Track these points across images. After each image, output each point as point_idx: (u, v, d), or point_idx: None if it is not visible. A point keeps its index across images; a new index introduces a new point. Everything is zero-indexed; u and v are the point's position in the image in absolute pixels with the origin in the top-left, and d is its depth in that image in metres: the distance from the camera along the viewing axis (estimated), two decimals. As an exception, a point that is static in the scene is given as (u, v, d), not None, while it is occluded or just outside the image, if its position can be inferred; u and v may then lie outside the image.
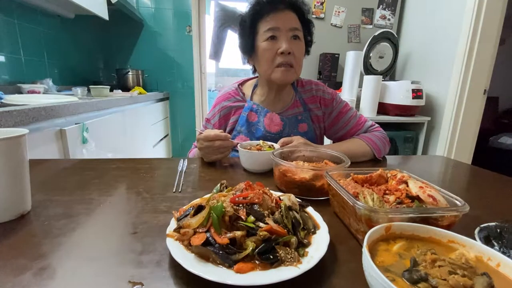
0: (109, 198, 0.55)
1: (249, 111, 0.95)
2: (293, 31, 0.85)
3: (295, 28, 0.85)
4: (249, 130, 0.94)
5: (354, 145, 0.89)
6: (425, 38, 2.15)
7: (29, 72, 1.78)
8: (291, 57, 0.85)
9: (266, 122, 0.94)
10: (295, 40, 0.86)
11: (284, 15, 0.84)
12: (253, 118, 0.95)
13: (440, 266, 0.28)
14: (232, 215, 0.37)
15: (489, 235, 0.39)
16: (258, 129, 0.94)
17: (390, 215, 0.37)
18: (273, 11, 0.84)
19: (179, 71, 3.04)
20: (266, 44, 0.85)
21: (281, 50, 0.84)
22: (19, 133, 0.45)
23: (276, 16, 0.84)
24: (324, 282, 0.34)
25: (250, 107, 0.95)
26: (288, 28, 0.84)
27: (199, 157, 0.85)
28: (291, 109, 0.96)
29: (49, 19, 2.00)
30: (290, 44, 0.84)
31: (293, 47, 0.84)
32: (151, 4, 2.86)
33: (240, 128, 0.95)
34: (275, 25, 0.84)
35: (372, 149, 0.87)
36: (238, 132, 0.95)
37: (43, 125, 1.03)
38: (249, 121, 0.95)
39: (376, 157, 0.88)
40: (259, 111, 0.95)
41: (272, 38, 0.85)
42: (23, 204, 0.48)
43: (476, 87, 1.83)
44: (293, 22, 0.85)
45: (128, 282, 0.32)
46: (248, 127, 0.94)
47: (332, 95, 0.98)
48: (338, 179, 0.52)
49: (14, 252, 0.37)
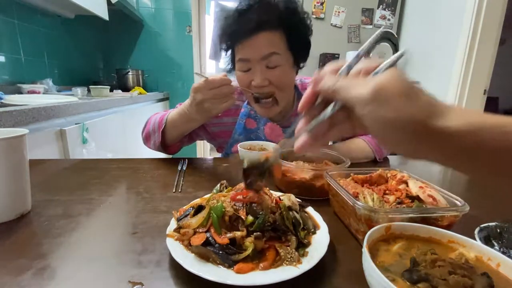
0: (109, 198, 0.55)
1: (247, 117, 0.90)
2: (267, 59, 0.74)
3: (271, 53, 0.74)
4: (248, 137, 0.89)
5: (355, 145, 0.86)
6: (425, 38, 2.15)
7: (29, 72, 1.78)
8: (268, 88, 0.77)
9: (267, 131, 0.89)
10: (272, 69, 0.76)
11: (255, 40, 0.73)
12: (251, 125, 0.90)
13: (440, 266, 0.28)
14: (232, 215, 0.37)
15: (489, 235, 0.39)
16: (259, 137, 0.89)
17: (390, 215, 0.37)
18: (243, 38, 0.74)
19: (179, 71, 3.04)
20: (240, 75, 0.79)
21: (254, 84, 0.77)
22: (19, 133, 0.45)
23: (246, 44, 0.74)
24: (324, 282, 0.34)
25: (248, 113, 0.90)
26: (259, 58, 0.74)
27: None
28: (293, 117, 0.91)
29: (49, 19, 2.00)
30: (265, 74, 0.76)
31: (270, 77, 0.76)
32: (151, 4, 2.86)
33: (238, 136, 0.90)
34: (245, 56, 0.75)
35: (373, 150, 0.84)
36: (236, 140, 0.90)
37: (43, 125, 1.03)
38: (247, 128, 0.90)
39: (376, 158, 0.85)
40: (258, 118, 0.90)
41: (245, 71, 0.77)
42: (23, 204, 0.48)
43: (476, 87, 1.83)
44: (268, 47, 0.74)
45: (128, 282, 0.32)
46: (246, 134, 0.90)
47: None
48: (338, 179, 0.52)
49: (14, 252, 0.37)
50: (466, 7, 1.78)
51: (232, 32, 0.75)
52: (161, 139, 0.79)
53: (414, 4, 2.28)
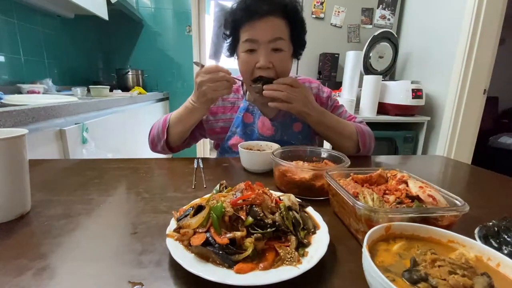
0: (109, 198, 0.55)
1: (245, 111, 0.93)
2: (273, 42, 0.78)
3: (277, 38, 0.78)
4: (245, 131, 0.92)
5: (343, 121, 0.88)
6: (425, 38, 2.15)
7: (29, 72, 1.78)
8: (270, 71, 0.80)
9: (259, 125, 0.92)
10: (277, 52, 0.79)
11: (265, 23, 0.76)
12: (248, 119, 0.93)
13: (440, 266, 0.28)
14: (232, 215, 0.37)
15: (487, 234, 0.39)
16: (253, 131, 0.92)
17: (390, 215, 0.37)
18: (253, 19, 0.77)
19: (179, 71, 3.04)
20: (244, 56, 0.81)
21: (258, 65, 0.79)
22: (19, 133, 0.45)
23: (255, 25, 0.77)
24: (324, 282, 0.34)
25: (246, 107, 0.93)
26: (267, 40, 0.77)
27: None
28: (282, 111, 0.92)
29: (49, 19, 2.00)
30: (270, 57, 0.78)
31: (274, 60, 0.79)
32: (151, 4, 2.86)
33: (235, 129, 0.92)
34: (253, 36, 0.78)
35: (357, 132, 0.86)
36: (233, 133, 0.92)
37: (42, 125, 1.03)
38: (244, 122, 0.92)
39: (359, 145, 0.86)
40: (254, 112, 0.93)
41: (251, 51, 0.79)
42: (23, 204, 0.48)
43: (476, 87, 1.83)
44: (275, 31, 0.77)
45: (128, 282, 0.32)
46: (243, 128, 0.92)
47: (327, 93, 0.98)
48: (338, 179, 0.52)
49: (14, 252, 0.37)
50: (466, 7, 1.78)
51: (243, 12, 0.78)
52: (166, 138, 0.83)
53: (414, 4, 2.27)
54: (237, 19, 0.80)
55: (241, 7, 0.78)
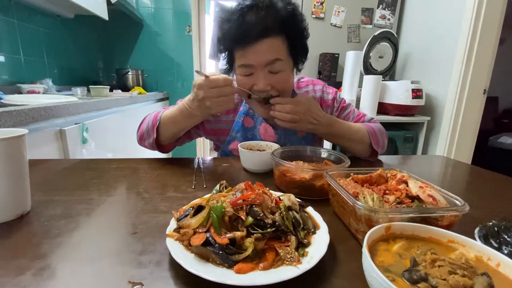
0: (109, 198, 0.55)
1: (245, 116, 0.90)
2: (270, 65, 0.74)
3: (274, 60, 0.73)
4: (245, 136, 0.90)
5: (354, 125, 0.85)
6: (425, 38, 2.15)
7: (29, 72, 1.78)
8: (270, 92, 0.77)
9: (262, 131, 0.90)
10: (275, 74, 0.76)
11: (260, 46, 0.71)
12: (249, 123, 0.90)
13: (440, 266, 0.28)
14: (232, 215, 0.37)
15: (487, 234, 0.39)
16: (255, 136, 0.90)
17: (390, 215, 0.37)
18: (245, 43, 0.72)
19: (179, 71, 3.04)
20: (241, 78, 0.78)
21: (256, 88, 0.76)
22: (19, 133, 0.45)
23: (249, 50, 0.72)
24: (324, 282, 0.34)
25: (246, 111, 0.90)
26: (263, 64, 0.73)
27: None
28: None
29: (49, 19, 2.00)
30: (268, 80, 0.75)
31: (273, 82, 0.76)
32: (151, 4, 2.86)
33: (235, 134, 0.90)
34: (248, 62, 0.74)
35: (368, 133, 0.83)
36: (233, 138, 0.90)
37: (42, 125, 1.03)
38: (245, 126, 0.90)
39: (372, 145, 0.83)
40: (255, 117, 0.91)
41: (247, 75, 0.76)
42: (23, 204, 0.48)
43: (476, 87, 1.83)
44: (271, 54, 0.73)
45: (128, 282, 0.32)
46: (244, 133, 0.90)
47: (333, 94, 0.94)
48: (338, 179, 0.52)
49: (14, 252, 0.37)
50: (466, 7, 1.78)
51: (234, 38, 0.74)
52: (156, 137, 0.79)
53: (414, 4, 2.28)
54: (228, 44, 0.76)
55: (231, 30, 0.73)
